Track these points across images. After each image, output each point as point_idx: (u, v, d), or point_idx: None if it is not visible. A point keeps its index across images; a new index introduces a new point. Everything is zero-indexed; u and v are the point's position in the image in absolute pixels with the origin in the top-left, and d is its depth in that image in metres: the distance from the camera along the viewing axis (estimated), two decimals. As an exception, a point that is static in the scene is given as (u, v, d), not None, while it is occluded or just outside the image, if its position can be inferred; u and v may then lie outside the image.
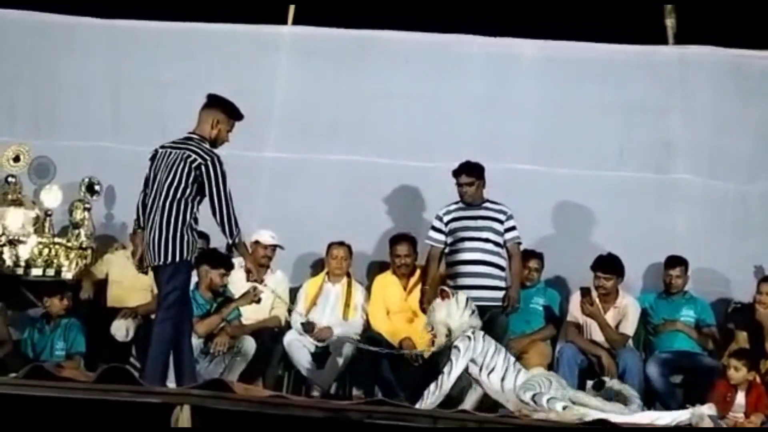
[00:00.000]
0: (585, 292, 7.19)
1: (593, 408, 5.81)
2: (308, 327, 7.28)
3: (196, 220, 6.09)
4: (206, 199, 6.02)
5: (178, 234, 5.95)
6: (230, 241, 6.07)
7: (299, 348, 7.23)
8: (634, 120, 8.17)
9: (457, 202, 7.12)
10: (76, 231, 7.61)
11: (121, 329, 7.10)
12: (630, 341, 7.28)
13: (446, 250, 7.08)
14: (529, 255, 7.45)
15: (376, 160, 8.26)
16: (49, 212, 7.65)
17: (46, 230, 7.54)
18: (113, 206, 8.15)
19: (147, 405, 5.13)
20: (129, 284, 7.39)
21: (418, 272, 7.38)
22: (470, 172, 7.05)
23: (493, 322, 6.82)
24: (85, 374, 5.62)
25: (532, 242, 7.58)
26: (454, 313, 6.19)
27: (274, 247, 7.53)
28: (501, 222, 7.00)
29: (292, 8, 8.48)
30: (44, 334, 7.09)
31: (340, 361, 7.15)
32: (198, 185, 5.99)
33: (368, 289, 7.61)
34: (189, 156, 5.99)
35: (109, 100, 8.46)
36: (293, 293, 7.67)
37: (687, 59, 8.24)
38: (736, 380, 6.52)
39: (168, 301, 5.97)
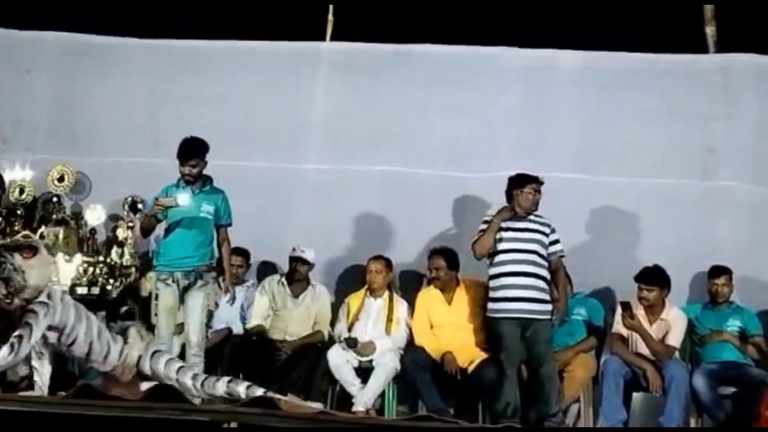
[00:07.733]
0: (625, 305, 7.10)
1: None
2: (351, 342, 7.25)
3: None
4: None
5: None
6: None
7: (343, 364, 7.21)
8: (677, 127, 8.09)
9: None
10: (120, 249, 7.65)
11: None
12: (676, 353, 7.20)
13: (490, 260, 7.03)
14: (566, 265, 7.39)
15: (417, 170, 8.24)
16: (94, 231, 7.70)
17: (91, 249, 7.59)
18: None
19: (195, 423, 5.13)
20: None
21: (462, 285, 7.33)
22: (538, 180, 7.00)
23: (538, 334, 6.80)
24: (133, 392, 5.63)
25: (575, 251, 7.50)
26: (47, 267, 5.61)
27: (302, 260, 7.52)
28: (546, 235, 6.95)
29: (330, 24, 8.52)
30: (89, 353, 7.12)
31: (384, 376, 7.13)
32: None
33: (405, 300, 7.56)
34: None
35: (148, 117, 8.51)
36: (336, 307, 7.66)
37: (729, 67, 8.17)
38: None
39: None
